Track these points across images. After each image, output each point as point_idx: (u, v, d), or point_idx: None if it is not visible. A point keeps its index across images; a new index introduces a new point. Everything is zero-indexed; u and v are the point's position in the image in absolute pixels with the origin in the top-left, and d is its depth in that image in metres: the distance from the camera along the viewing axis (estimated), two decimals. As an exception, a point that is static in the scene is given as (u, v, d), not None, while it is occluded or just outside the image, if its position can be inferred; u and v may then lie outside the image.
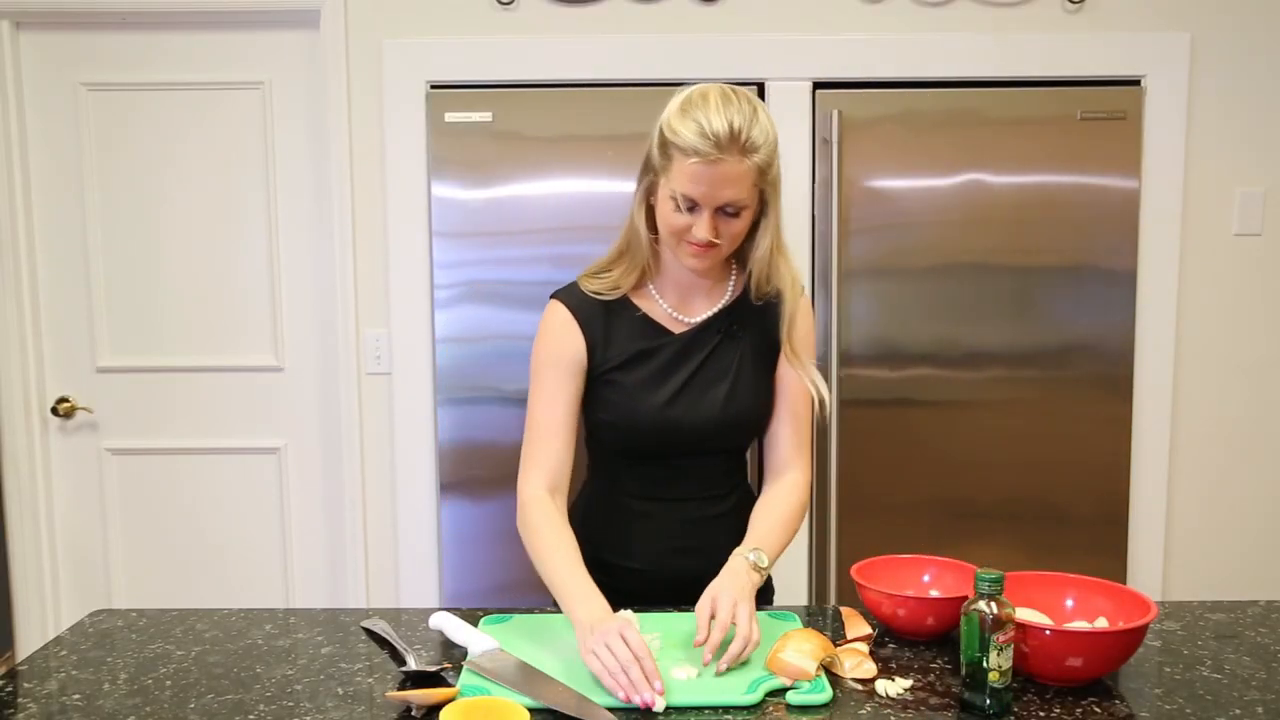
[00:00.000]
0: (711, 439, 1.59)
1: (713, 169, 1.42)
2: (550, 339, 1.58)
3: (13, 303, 2.80)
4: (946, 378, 2.69)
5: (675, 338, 1.58)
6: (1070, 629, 1.25)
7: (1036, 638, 1.24)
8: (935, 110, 2.64)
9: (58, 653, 1.43)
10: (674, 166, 1.45)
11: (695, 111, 1.43)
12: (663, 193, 1.49)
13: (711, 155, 1.41)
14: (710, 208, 1.45)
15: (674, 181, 1.45)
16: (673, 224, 1.49)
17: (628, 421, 1.57)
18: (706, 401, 1.57)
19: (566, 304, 1.59)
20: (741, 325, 1.60)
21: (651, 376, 1.56)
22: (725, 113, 1.43)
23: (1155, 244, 2.69)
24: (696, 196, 1.45)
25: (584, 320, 1.57)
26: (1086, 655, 1.23)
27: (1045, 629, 1.24)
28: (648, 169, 1.53)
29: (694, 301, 1.61)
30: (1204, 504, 2.79)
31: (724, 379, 1.58)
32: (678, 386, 1.56)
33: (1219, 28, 2.67)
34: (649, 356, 1.57)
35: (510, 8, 2.66)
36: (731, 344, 1.60)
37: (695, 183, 1.43)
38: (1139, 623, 1.25)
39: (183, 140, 2.80)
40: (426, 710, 1.22)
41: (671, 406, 1.56)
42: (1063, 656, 1.23)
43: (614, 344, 1.57)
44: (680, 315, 1.60)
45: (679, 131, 1.43)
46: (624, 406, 1.56)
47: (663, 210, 1.50)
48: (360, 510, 2.80)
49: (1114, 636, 1.24)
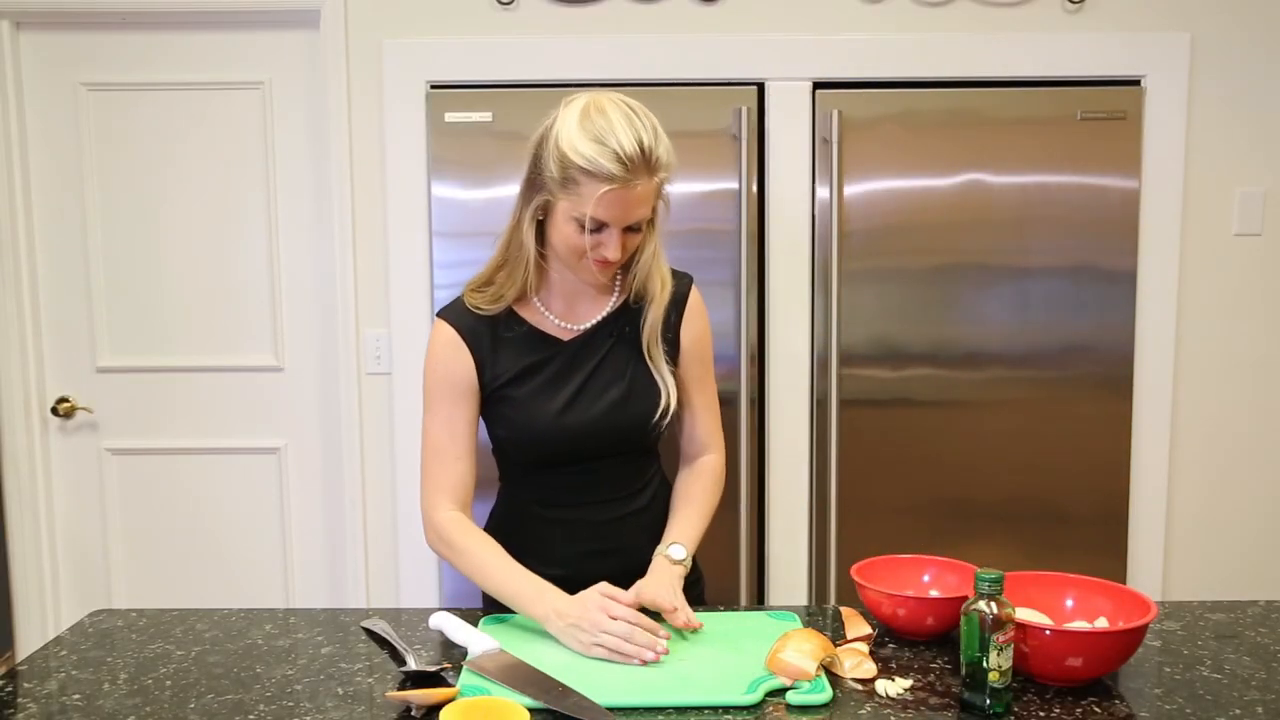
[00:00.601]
0: (613, 441, 1.58)
1: (626, 193, 1.40)
2: (439, 361, 1.56)
3: (13, 303, 2.80)
4: (946, 378, 2.69)
5: (565, 345, 1.57)
6: (1070, 629, 1.25)
7: (1036, 638, 1.24)
8: (935, 110, 2.64)
9: (58, 653, 1.43)
10: (582, 190, 1.40)
11: (603, 135, 1.39)
12: (562, 214, 1.45)
13: (625, 179, 1.39)
14: (620, 227, 1.44)
15: (582, 205, 1.41)
16: (575, 245, 1.46)
17: (526, 435, 1.56)
18: (602, 405, 1.55)
19: (452, 323, 1.56)
20: (632, 326, 1.59)
21: (543, 387, 1.55)
22: (632, 132, 1.40)
23: (1155, 244, 2.69)
24: (609, 219, 1.42)
25: (471, 339, 1.55)
26: (1086, 655, 1.23)
27: (1045, 629, 1.24)
28: (538, 187, 1.47)
29: (580, 308, 1.59)
30: (1204, 504, 2.79)
31: (619, 381, 1.57)
32: (571, 394, 1.55)
33: (1219, 28, 2.67)
34: (539, 369, 1.56)
35: (510, 8, 2.66)
36: (625, 346, 1.58)
37: (609, 206, 1.41)
38: (1139, 623, 1.25)
39: (183, 140, 2.80)
40: (426, 710, 1.22)
41: (567, 414, 1.54)
42: (1063, 656, 1.23)
43: (502, 360, 1.55)
44: (567, 324, 1.58)
45: (589, 156, 1.38)
46: (520, 420, 1.55)
47: (564, 231, 1.46)
48: (360, 510, 2.80)
49: (1114, 636, 1.24)
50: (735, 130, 2.61)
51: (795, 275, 2.69)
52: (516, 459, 1.62)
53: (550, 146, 1.43)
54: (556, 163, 1.42)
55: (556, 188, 1.44)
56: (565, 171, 1.42)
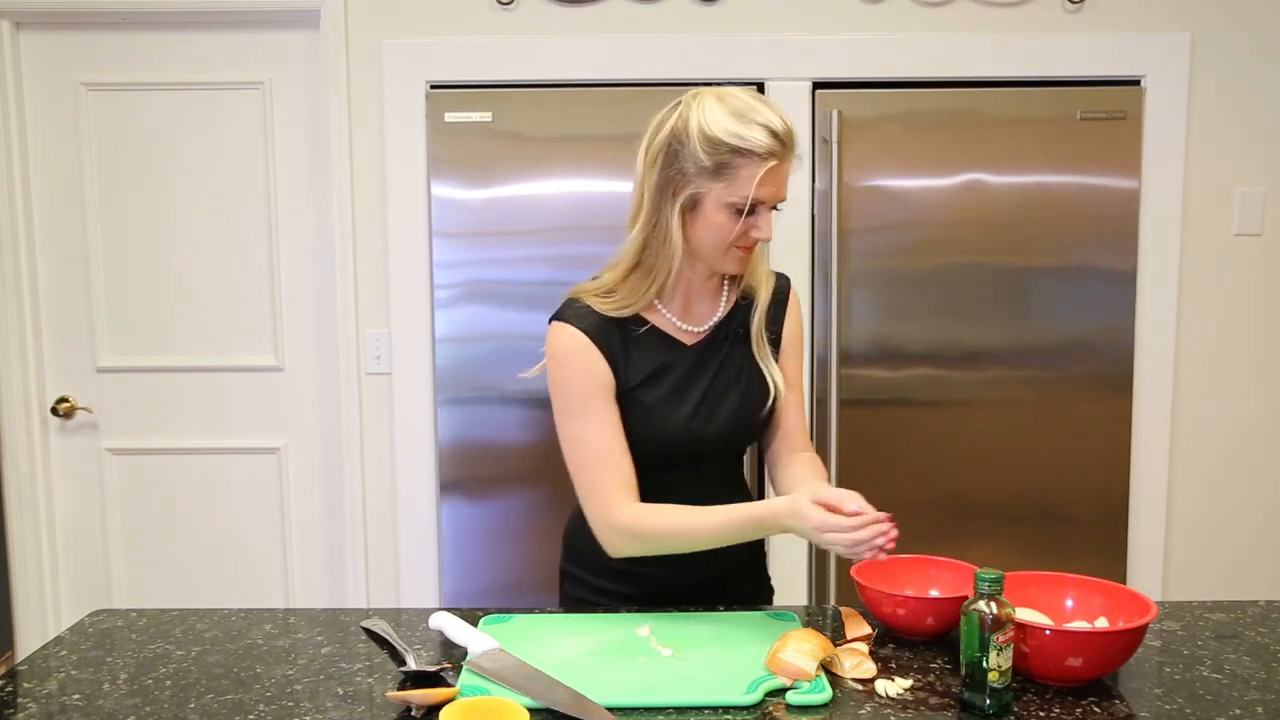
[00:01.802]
0: (731, 443, 1.60)
1: (781, 169, 1.43)
2: (577, 366, 1.51)
3: (13, 303, 2.80)
4: (946, 378, 2.69)
5: (689, 349, 1.57)
6: (1070, 629, 1.25)
7: (1036, 638, 1.24)
8: (935, 110, 2.64)
9: (58, 653, 1.43)
10: (740, 173, 1.41)
11: (751, 114, 1.41)
12: (714, 203, 1.44)
13: (782, 154, 1.42)
14: (770, 206, 1.46)
15: (739, 188, 1.42)
16: (728, 232, 1.45)
17: (655, 439, 1.54)
18: (726, 410, 1.56)
19: (580, 327, 1.51)
20: (743, 324, 1.61)
21: (671, 393, 1.54)
22: (775, 110, 1.43)
23: (1155, 244, 2.69)
24: (766, 198, 1.44)
25: (602, 341, 1.51)
26: (1086, 655, 1.23)
27: (1045, 629, 1.24)
28: (680, 183, 1.45)
29: (697, 310, 1.59)
30: (1204, 504, 2.79)
31: (737, 384, 1.58)
32: (698, 400, 1.55)
33: (1219, 28, 2.67)
34: (666, 372, 1.55)
35: (510, 8, 2.66)
36: (739, 347, 1.60)
37: (768, 184, 1.43)
38: (1139, 623, 1.25)
39: (183, 140, 2.80)
40: (426, 710, 1.22)
41: (695, 420, 1.55)
42: (1063, 656, 1.23)
43: (634, 362, 1.53)
44: (686, 325, 1.57)
45: (746, 136, 1.40)
46: (649, 424, 1.53)
47: (715, 220, 1.45)
48: (360, 510, 2.80)
49: (1114, 636, 1.24)
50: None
51: (795, 275, 2.66)
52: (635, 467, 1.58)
53: (693, 137, 1.43)
54: (706, 151, 1.42)
55: (707, 177, 1.43)
56: (718, 157, 1.42)
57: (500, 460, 2.71)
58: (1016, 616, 1.24)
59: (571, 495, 1.59)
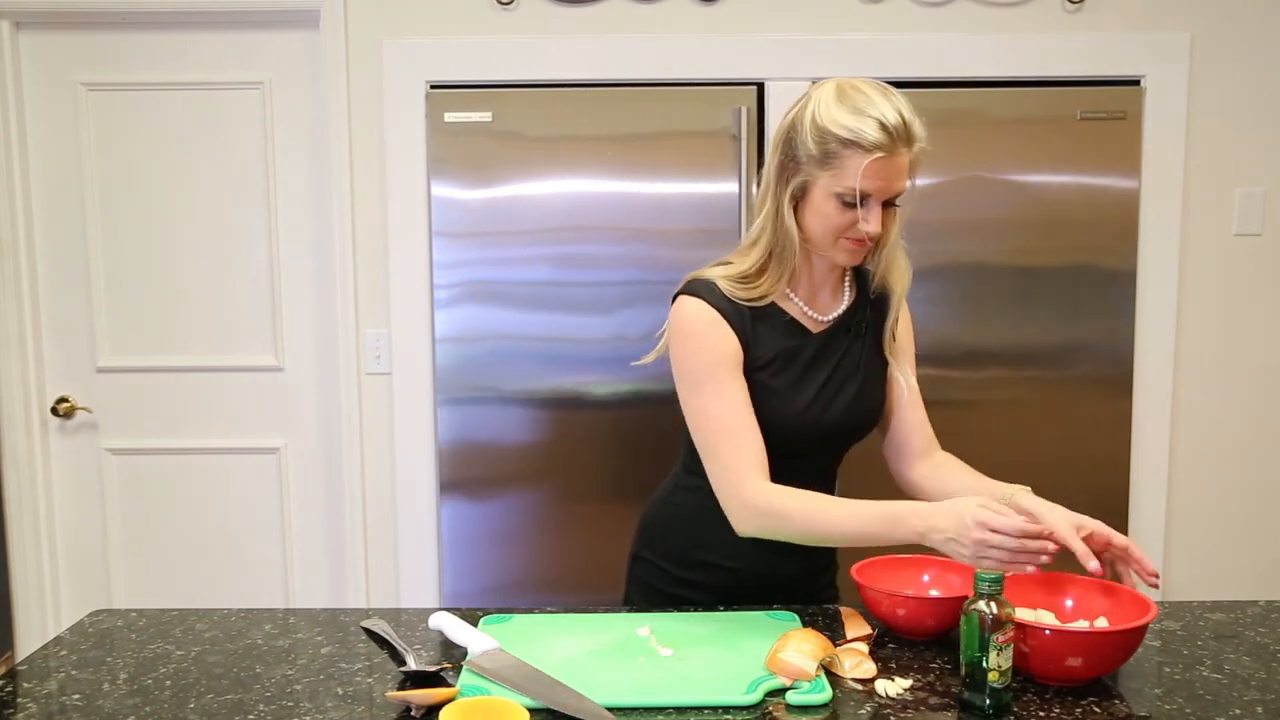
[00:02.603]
0: (841, 437, 1.60)
1: (890, 162, 1.42)
2: (707, 339, 1.50)
3: (13, 303, 2.80)
4: (946, 378, 2.69)
5: (815, 337, 1.56)
6: (1070, 629, 1.25)
7: (1036, 637, 1.24)
8: (935, 110, 2.61)
9: (58, 653, 1.43)
10: (846, 163, 1.41)
11: (864, 105, 1.41)
12: (822, 192, 1.45)
13: (891, 148, 1.41)
14: (880, 200, 1.45)
15: (845, 178, 1.42)
16: (836, 222, 1.46)
17: (774, 424, 1.51)
18: (842, 402, 1.56)
19: (712, 303, 1.50)
20: (867, 321, 1.61)
21: (796, 378, 1.54)
22: (893, 104, 1.42)
23: (1155, 244, 2.69)
24: (872, 191, 1.43)
25: (730, 318, 1.50)
26: (1086, 655, 1.23)
27: (1045, 629, 1.24)
28: (792, 170, 1.47)
29: (823, 299, 1.59)
30: (1204, 504, 2.79)
31: (854, 378, 1.57)
32: (818, 388, 1.55)
33: (1219, 28, 2.67)
34: (793, 357, 1.54)
35: (510, 8, 2.66)
36: (859, 341, 1.59)
37: (874, 177, 1.42)
38: (1139, 622, 1.25)
39: (183, 140, 2.80)
40: (426, 710, 1.22)
41: (812, 409, 1.54)
42: (1062, 656, 1.23)
43: (761, 343, 1.52)
44: (814, 314, 1.57)
45: (853, 127, 1.40)
46: (770, 408, 1.51)
47: (823, 210, 1.46)
48: (360, 510, 2.80)
49: (1114, 636, 1.24)
50: (735, 130, 2.61)
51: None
52: None
53: (806, 126, 1.44)
54: (815, 140, 1.43)
55: (815, 166, 1.44)
56: (825, 146, 1.42)
57: (500, 460, 2.71)
58: (1016, 616, 1.24)
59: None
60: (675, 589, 1.63)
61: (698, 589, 1.61)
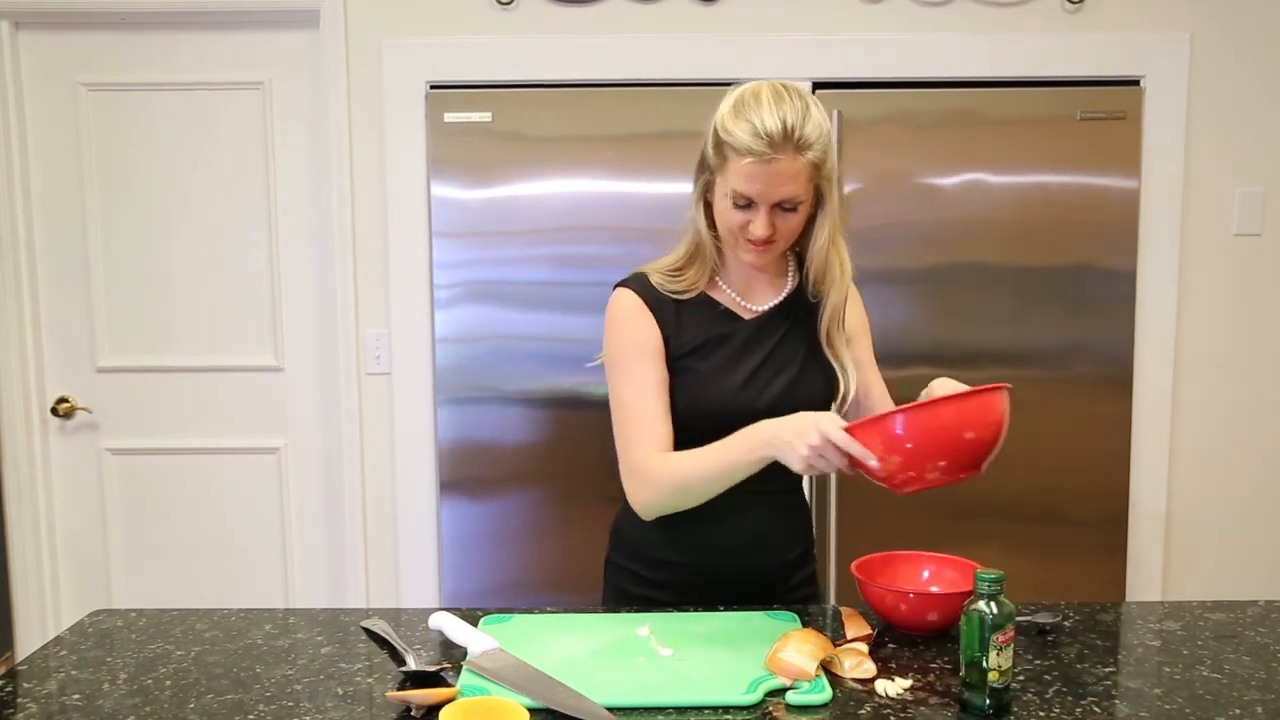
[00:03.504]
0: None
1: (768, 168, 1.45)
2: (626, 326, 1.57)
3: (13, 303, 2.80)
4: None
5: (746, 323, 1.60)
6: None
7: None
8: (935, 110, 2.64)
9: (57, 653, 1.43)
10: (730, 166, 1.47)
11: (748, 111, 1.45)
12: (719, 191, 1.52)
13: (766, 154, 1.43)
14: (766, 205, 1.48)
15: (730, 180, 1.48)
16: (730, 221, 1.51)
17: (705, 408, 1.55)
18: (778, 385, 1.58)
19: (639, 293, 1.58)
20: (807, 312, 1.63)
21: (726, 362, 1.57)
22: (778, 111, 1.44)
23: (1155, 244, 2.69)
24: (752, 194, 1.47)
25: (655, 307, 1.57)
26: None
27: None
28: (703, 168, 1.55)
29: (758, 291, 1.63)
30: (1204, 504, 2.79)
31: (792, 364, 1.60)
32: (751, 371, 1.57)
33: (1219, 28, 2.67)
34: (722, 342, 1.58)
35: (510, 8, 2.66)
36: (798, 331, 1.62)
37: (751, 181, 1.46)
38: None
39: (183, 140, 2.80)
40: (426, 710, 1.22)
41: (747, 390, 1.56)
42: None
43: (686, 330, 1.57)
44: (747, 303, 1.61)
45: (733, 132, 1.45)
46: (700, 392, 1.56)
47: (720, 208, 1.52)
48: (360, 510, 2.80)
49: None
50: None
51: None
52: (684, 438, 1.59)
53: (710, 128, 1.52)
54: (712, 142, 1.51)
55: (714, 166, 1.51)
56: (719, 149, 1.49)
57: (500, 460, 2.71)
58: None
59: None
60: (644, 590, 1.64)
61: (665, 589, 1.61)
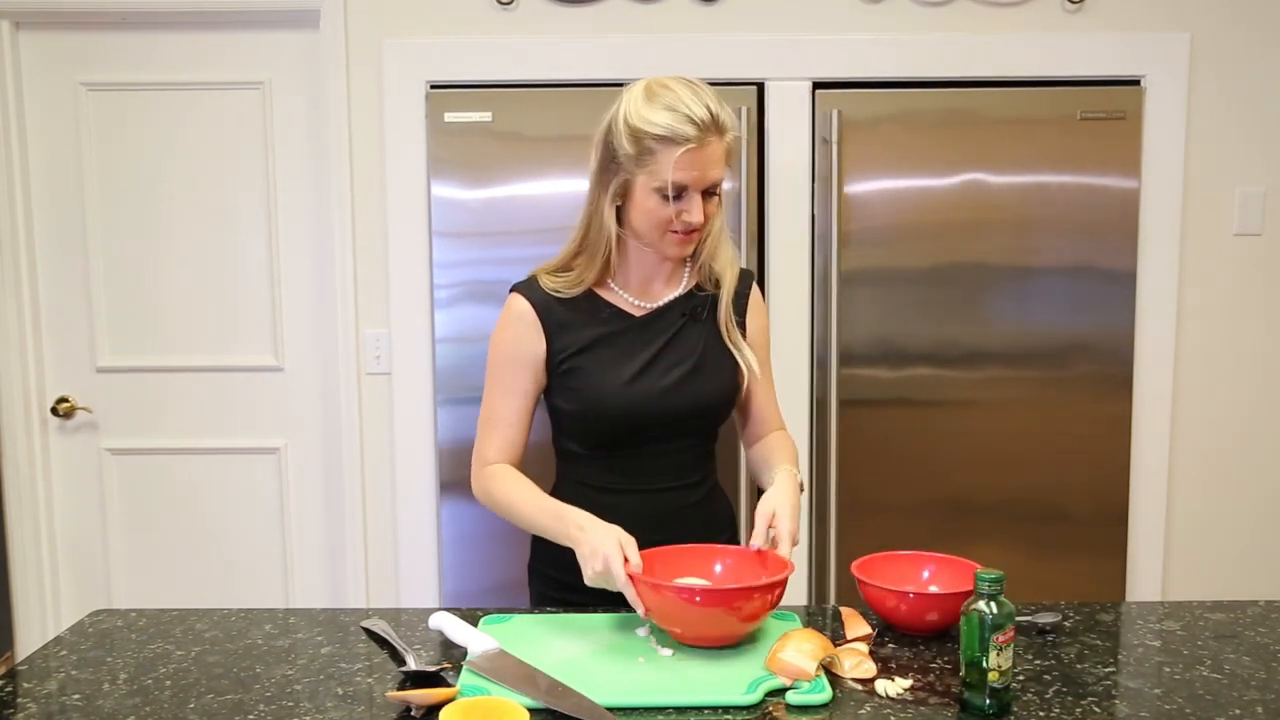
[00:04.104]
0: (679, 418, 1.61)
1: (702, 152, 1.47)
2: (508, 334, 1.62)
3: (13, 303, 2.80)
4: (946, 378, 2.69)
5: (635, 320, 1.61)
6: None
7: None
8: (935, 110, 2.64)
9: (57, 653, 1.43)
10: (658, 158, 1.48)
11: (669, 102, 1.47)
12: (642, 189, 1.51)
13: (699, 138, 1.46)
14: (699, 190, 1.50)
15: (661, 173, 1.48)
16: (659, 216, 1.52)
17: (592, 404, 1.58)
18: (671, 378, 1.59)
19: (526, 296, 1.61)
20: (704, 307, 1.64)
21: (613, 359, 1.59)
22: (699, 97, 1.48)
23: (1155, 244, 2.69)
24: (689, 182, 1.48)
25: (543, 312, 1.60)
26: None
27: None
28: (613, 169, 1.54)
29: (654, 289, 1.64)
30: (1204, 504, 2.79)
31: (690, 357, 1.60)
32: (641, 365, 1.58)
33: (1219, 28, 2.67)
34: (610, 340, 1.60)
35: (510, 8, 2.66)
36: (695, 327, 1.63)
37: (687, 168, 1.47)
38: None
39: (183, 140, 2.80)
40: (426, 710, 1.22)
41: (636, 384, 1.57)
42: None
43: (573, 331, 1.59)
44: (639, 301, 1.63)
45: (659, 123, 1.46)
46: (587, 389, 1.58)
47: (645, 205, 1.52)
48: (360, 510, 2.80)
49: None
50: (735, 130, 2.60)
51: (795, 275, 2.69)
52: (579, 436, 1.63)
53: (620, 127, 1.51)
54: (630, 140, 1.50)
55: (633, 164, 1.51)
56: (640, 144, 1.49)
57: (500, 460, 2.70)
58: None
59: None
60: (561, 593, 1.63)
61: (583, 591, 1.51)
